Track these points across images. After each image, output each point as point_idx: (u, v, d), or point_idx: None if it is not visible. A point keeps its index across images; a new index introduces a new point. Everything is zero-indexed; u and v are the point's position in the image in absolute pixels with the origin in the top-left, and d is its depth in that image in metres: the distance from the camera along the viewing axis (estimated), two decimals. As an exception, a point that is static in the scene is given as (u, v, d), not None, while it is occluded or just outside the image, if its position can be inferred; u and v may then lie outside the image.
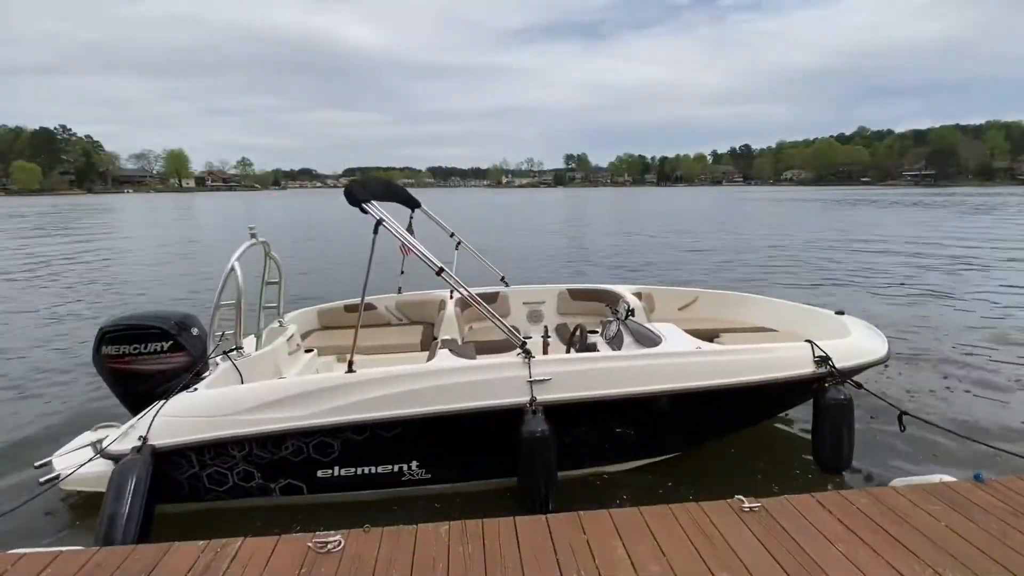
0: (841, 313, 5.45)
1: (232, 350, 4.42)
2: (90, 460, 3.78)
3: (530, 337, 6.36)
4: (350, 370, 3.92)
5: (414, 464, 3.97)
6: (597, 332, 5.68)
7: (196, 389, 3.91)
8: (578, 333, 5.11)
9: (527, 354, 3.96)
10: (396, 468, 3.96)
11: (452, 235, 6.56)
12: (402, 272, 6.39)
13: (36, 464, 4.08)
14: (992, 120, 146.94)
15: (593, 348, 5.02)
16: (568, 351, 5.11)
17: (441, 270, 4.14)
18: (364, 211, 4.14)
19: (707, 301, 6.67)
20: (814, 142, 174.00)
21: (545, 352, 5.60)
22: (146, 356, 4.19)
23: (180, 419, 3.69)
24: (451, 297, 6.08)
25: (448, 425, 3.84)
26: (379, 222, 4.10)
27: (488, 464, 4.08)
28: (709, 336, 5.27)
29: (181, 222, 39.32)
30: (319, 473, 3.88)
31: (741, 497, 3.17)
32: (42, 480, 3.80)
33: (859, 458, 4.39)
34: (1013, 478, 3.43)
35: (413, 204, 5.96)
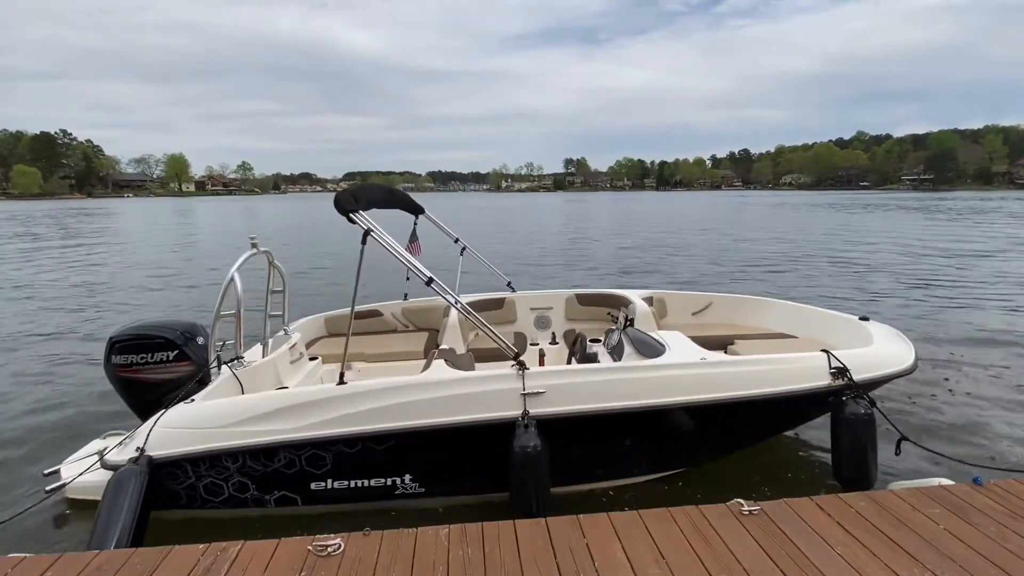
0: (866, 319, 5.10)
1: (233, 360, 4.42)
2: (91, 469, 3.80)
3: (536, 343, 6.30)
4: (341, 382, 3.88)
5: (407, 478, 3.93)
6: (600, 340, 5.57)
7: (193, 400, 3.92)
8: (578, 343, 5.00)
9: (521, 366, 3.87)
10: (389, 481, 3.92)
11: (456, 240, 6.50)
12: (408, 278, 6.37)
13: (45, 472, 4.13)
14: (990, 124, 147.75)
15: (594, 358, 4.87)
16: (569, 361, 5.02)
17: (431, 280, 3.95)
18: (352, 221, 3.99)
19: (722, 306, 6.39)
20: (813, 146, 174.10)
21: (541, 363, 5.48)
22: (153, 365, 4.24)
23: (176, 430, 3.69)
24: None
25: (440, 438, 3.78)
26: (367, 232, 3.98)
27: (481, 478, 4.00)
28: (723, 343, 5.05)
29: (182, 229, 39.29)
30: (312, 485, 3.86)
31: (740, 500, 3.19)
32: (48, 488, 3.85)
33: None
34: (1012, 481, 3.43)
35: (417, 211, 5.92)
